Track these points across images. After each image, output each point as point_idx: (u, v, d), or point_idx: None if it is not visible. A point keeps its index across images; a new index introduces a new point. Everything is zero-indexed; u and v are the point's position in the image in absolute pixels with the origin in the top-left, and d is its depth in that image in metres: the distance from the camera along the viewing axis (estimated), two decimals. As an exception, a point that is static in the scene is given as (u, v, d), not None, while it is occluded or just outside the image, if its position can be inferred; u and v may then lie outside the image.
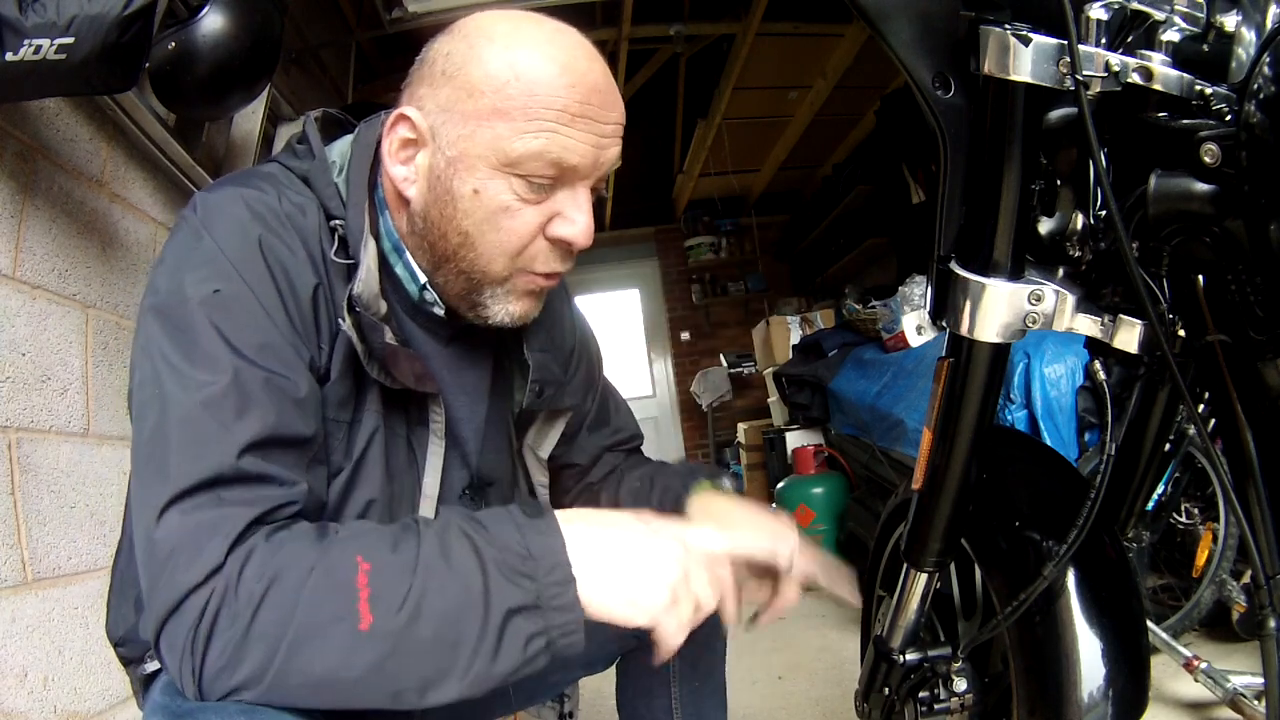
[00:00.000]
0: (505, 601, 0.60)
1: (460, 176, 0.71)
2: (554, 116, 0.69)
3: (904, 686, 0.90)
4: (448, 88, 0.72)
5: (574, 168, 0.71)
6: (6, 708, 1.13)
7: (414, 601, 0.59)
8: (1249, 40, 0.55)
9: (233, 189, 0.73)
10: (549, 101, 0.69)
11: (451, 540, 0.63)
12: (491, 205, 0.71)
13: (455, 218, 0.72)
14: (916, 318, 2.79)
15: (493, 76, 0.70)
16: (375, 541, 0.62)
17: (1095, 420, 1.88)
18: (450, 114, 0.71)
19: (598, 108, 0.71)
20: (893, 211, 4.18)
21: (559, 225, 0.73)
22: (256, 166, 0.81)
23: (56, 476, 1.31)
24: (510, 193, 0.71)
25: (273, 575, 0.59)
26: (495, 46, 0.71)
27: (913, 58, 0.61)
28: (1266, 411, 0.60)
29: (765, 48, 3.81)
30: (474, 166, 0.71)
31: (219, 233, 0.69)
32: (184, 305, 0.66)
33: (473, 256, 0.74)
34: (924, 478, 0.77)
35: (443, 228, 0.74)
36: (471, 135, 0.70)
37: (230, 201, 0.71)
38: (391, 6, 2.54)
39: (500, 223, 0.72)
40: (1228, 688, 1.37)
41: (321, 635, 0.58)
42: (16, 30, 1.00)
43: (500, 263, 0.74)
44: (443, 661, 0.60)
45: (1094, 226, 0.64)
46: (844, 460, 3.29)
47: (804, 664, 2.29)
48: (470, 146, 0.70)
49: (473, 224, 0.72)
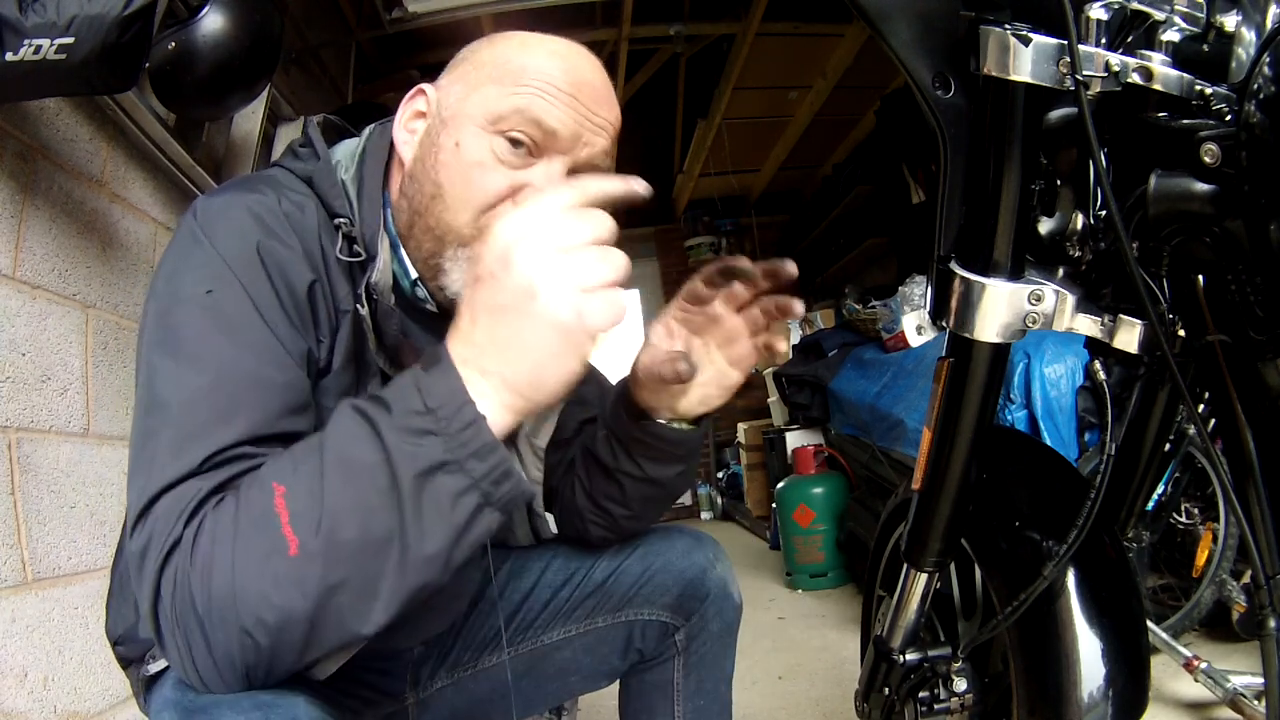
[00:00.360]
0: (410, 468, 0.55)
1: (448, 131, 0.76)
2: (541, 85, 0.74)
3: (904, 686, 0.90)
4: (462, 67, 0.79)
5: (552, 132, 0.73)
6: (6, 708, 1.13)
7: (329, 507, 0.55)
8: (1249, 40, 0.55)
9: (233, 194, 0.74)
10: (540, 75, 0.74)
11: (349, 424, 0.58)
12: (468, 159, 0.74)
13: (434, 168, 0.76)
14: (916, 318, 2.79)
15: (498, 55, 0.77)
16: (286, 460, 0.59)
17: (1095, 420, 1.88)
18: (456, 84, 0.78)
19: (588, 96, 0.75)
20: (893, 211, 4.18)
21: (527, 195, 0.73)
22: (260, 171, 0.82)
23: (56, 476, 1.31)
24: (488, 151, 0.74)
25: (212, 533, 0.57)
26: (514, 40, 0.78)
27: (913, 58, 0.61)
28: (1266, 411, 0.60)
29: (765, 48, 3.81)
30: (462, 124, 0.75)
31: (217, 237, 0.70)
32: (178, 307, 0.67)
33: (440, 209, 0.75)
34: (924, 478, 0.77)
35: (421, 181, 0.77)
36: (466, 97, 0.76)
37: (230, 206, 0.72)
38: (391, 6, 2.54)
39: (472, 176, 0.74)
40: (1228, 688, 1.37)
41: (260, 576, 0.55)
42: (16, 30, 1.00)
43: (464, 216, 0.74)
44: (378, 560, 0.55)
45: (1094, 226, 0.64)
46: (844, 460, 3.29)
47: (804, 664, 2.29)
48: (463, 107, 0.76)
49: (446, 175, 0.75)
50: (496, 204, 0.74)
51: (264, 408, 0.65)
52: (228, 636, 0.56)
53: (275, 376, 0.67)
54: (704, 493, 5.97)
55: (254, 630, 0.56)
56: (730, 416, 5.79)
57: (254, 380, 0.65)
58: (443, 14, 2.61)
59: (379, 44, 3.39)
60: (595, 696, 1.10)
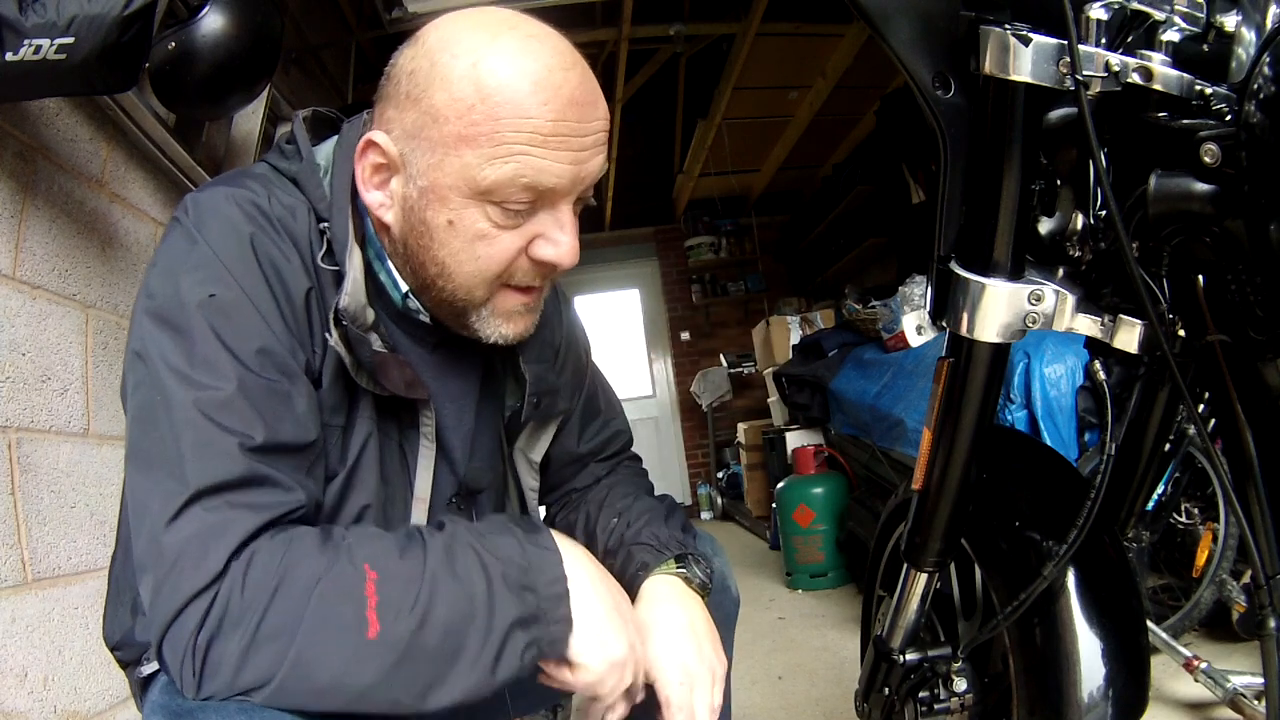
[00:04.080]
0: (509, 613, 0.63)
1: (433, 208, 0.68)
2: (525, 139, 0.65)
3: (904, 686, 0.90)
4: (413, 111, 0.68)
5: (551, 189, 0.68)
6: (6, 708, 1.13)
7: (421, 610, 0.60)
8: (1249, 40, 0.55)
9: (223, 189, 0.72)
10: (518, 124, 0.65)
11: (457, 550, 0.65)
12: (467, 235, 0.69)
13: (431, 248, 0.70)
14: (916, 318, 2.79)
15: (457, 100, 0.65)
16: (382, 549, 0.63)
17: (1095, 420, 1.88)
18: (418, 140, 0.68)
19: (574, 121, 0.67)
20: (893, 211, 4.18)
21: (541, 247, 0.70)
22: (246, 167, 0.79)
23: (56, 476, 1.31)
24: (486, 220, 0.68)
25: (278, 580, 0.59)
26: (459, 63, 0.66)
27: (913, 58, 0.61)
28: (1266, 411, 0.60)
29: (765, 48, 3.82)
30: (446, 197, 0.68)
31: (212, 235, 0.68)
32: (182, 309, 0.66)
33: (452, 286, 0.72)
34: (924, 478, 0.77)
35: (420, 257, 0.72)
36: (440, 164, 0.67)
37: (222, 202, 0.70)
38: (391, 6, 2.54)
39: (478, 251, 0.69)
40: (1228, 688, 1.37)
41: (329, 642, 0.59)
42: (16, 30, 1.00)
43: (481, 290, 0.72)
44: (446, 668, 0.61)
45: (1094, 226, 0.64)
46: (844, 460, 3.29)
47: (804, 664, 2.29)
48: (440, 176, 0.67)
49: (449, 254, 0.70)
50: (511, 264, 0.71)
51: (282, 416, 0.66)
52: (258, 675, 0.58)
53: (287, 386, 0.67)
54: (704, 493, 5.97)
55: (295, 679, 0.58)
56: (730, 416, 5.80)
57: (269, 389, 0.66)
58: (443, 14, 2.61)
59: (379, 44, 3.38)
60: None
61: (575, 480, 1.00)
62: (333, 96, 2.97)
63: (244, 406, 0.64)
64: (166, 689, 0.69)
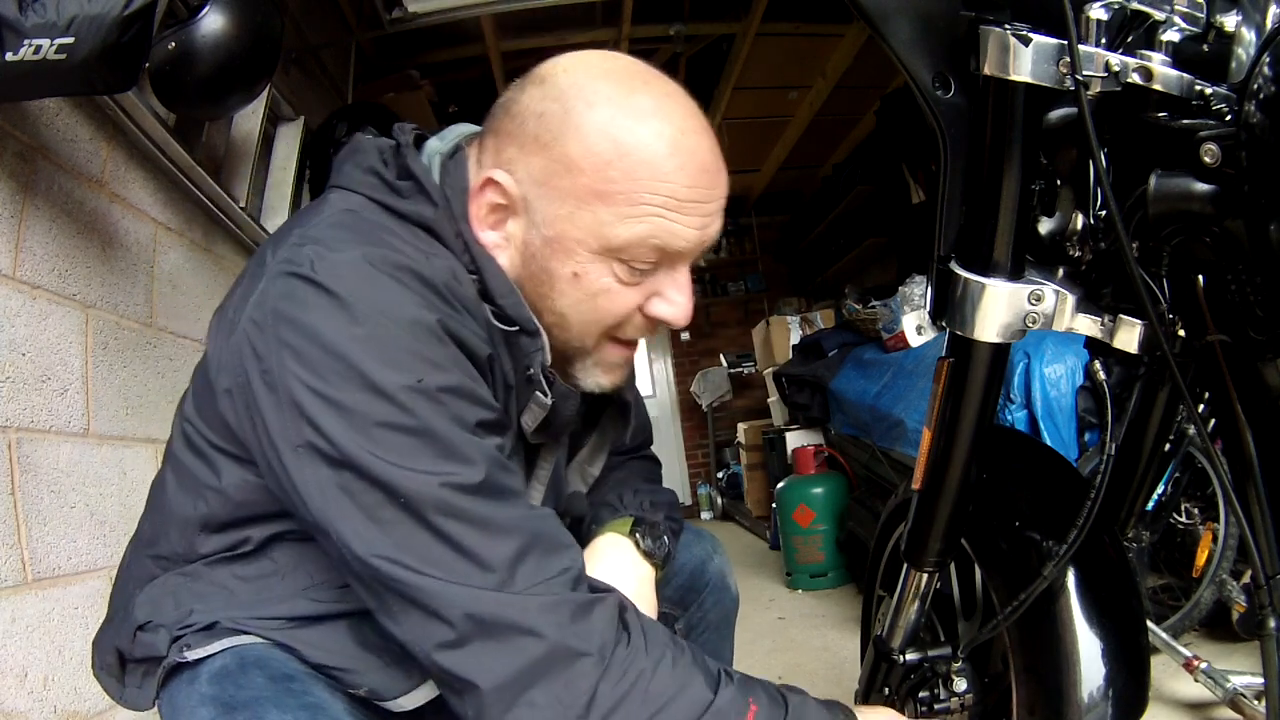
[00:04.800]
0: None
1: (559, 258, 0.68)
2: (661, 202, 0.65)
3: (904, 686, 0.90)
4: (541, 157, 0.67)
5: (679, 252, 0.69)
6: (6, 708, 1.13)
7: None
8: (1249, 40, 0.55)
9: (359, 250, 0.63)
10: (655, 186, 0.65)
11: None
12: (591, 289, 0.69)
13: (551, 297, 0.70)
14: (916, 318, 2.79)
15: (594, 154, 0.65)
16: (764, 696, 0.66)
17: (1095, 420, 1.88)
18: (545, 188, 0.67)
19: (705, 189, 0.67)
20: (893, 211, 4.18)
21: (658, 305, 0.71)
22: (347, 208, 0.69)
23: (56, 476, 1.31)
24: (611, 276, 0.68)
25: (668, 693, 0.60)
26: (595, 114, 0.65)
27: (913, 58, 0.61)
28: (1266, 411, 0.60)
29: (765, 48, 3.82)
30: (572, 250, 0.67)
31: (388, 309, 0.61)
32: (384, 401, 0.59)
33: (566, 336, 0.73)
34: (924, 478, 0.77)
35: (538, 304, 0.71)
36: (570, 217, 0.66)
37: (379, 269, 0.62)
38: (391, 6, 2.55)
39: (599, 304, 0.70)
40: (1228, 688, 1.37)
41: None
42: (16, 30, 1.00)
43: (593, 340, 0.73)
44: None
45: (1094, 226, 0.64)
46: (844, 460, 3.29)
47: (804, 664, 2.28)
48: (569, 229, 0.67)
49: (569, 304, 0.70)
50: (625, 321, 0.72)
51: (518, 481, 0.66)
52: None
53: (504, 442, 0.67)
54: (704, 493, 5.97)
55: None
56: (730, 416, 5.80)
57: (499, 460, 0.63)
58: (443, 14, 2.61)
59: (379, 44, 3.39)
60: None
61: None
62: (333, 96, 2.97)
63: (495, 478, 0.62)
64: (215, 678, 0.65)
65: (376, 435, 0.59)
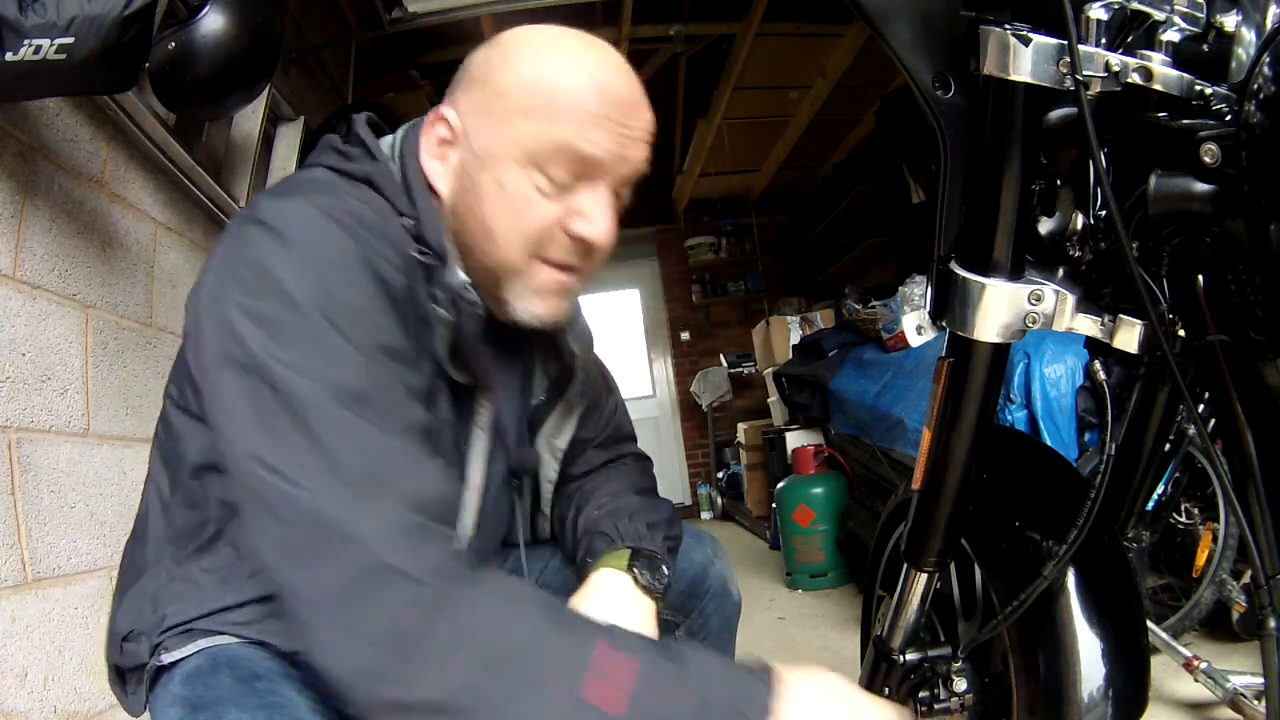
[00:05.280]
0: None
1: (487, 171, 0.74)
2: (576, 114, 0.72)
3: (904, 686, 0.90)
4: (479, 91, 0.76)
5: (596, 161, 0.73)
6: (6, 708, 1.13)
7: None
8: (1249, 40, 0.55)
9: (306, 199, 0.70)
10: (571, 100, 0.72)
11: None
12: (513, 196, 0.74)
13: (478, 208, 0.75)
14: (916, 318, 2.79)
15: (521, 80, 0.73)
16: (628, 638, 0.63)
17: (1095, 420, 1.88)
18: (480, 115, 0.75)
19: (620, 112, 0.73)
20: (893, 211, 4.18)
21: (578, 222, 0.74)
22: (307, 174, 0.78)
23: (56, 476, 1.31)
24: (531, 185, 0.73)
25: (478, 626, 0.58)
26: (527, 54, 0.75)
27: (913, 58, 0.61)
28: (1266, 411, 0.60)
29: (765, 48, 3.82)
30: (498, 162, 0.73)
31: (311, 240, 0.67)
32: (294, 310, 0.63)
33: (492, 248, 0.75)
34: (924, 478, 0.77)
35: (467, 220, 0.76)
36: (497, 134, 0.74)
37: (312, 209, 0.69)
38: (391, 6, 2.55)
39: (520, 211, 0.74)
40: (1228, 688, 1.37)
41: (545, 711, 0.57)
42: (16, 30, 1.00)
43: (517, 250, 0.75)
44: None
45: (1094, 226, 0.64)
46: (844, 460, 3.29)
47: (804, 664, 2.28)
48: (496, 145, 0.74)
49: (492, 213, 0.74)
50: (548, 232, 0.75)
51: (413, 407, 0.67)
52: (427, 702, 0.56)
53: (411, 380, 0.68)
54: (704, 493, 5.97)
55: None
56: (730, 416, 5.80)
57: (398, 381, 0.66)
58: (443, 14, 2.62)
59: (379, 44, 3.39)
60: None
61: (571, 467, 1.00)
62: (333, 96, 2.97)
63: (382, 398, 0.64)
64: (188, 680, 0.68)
65: (281, 341, 0.63)
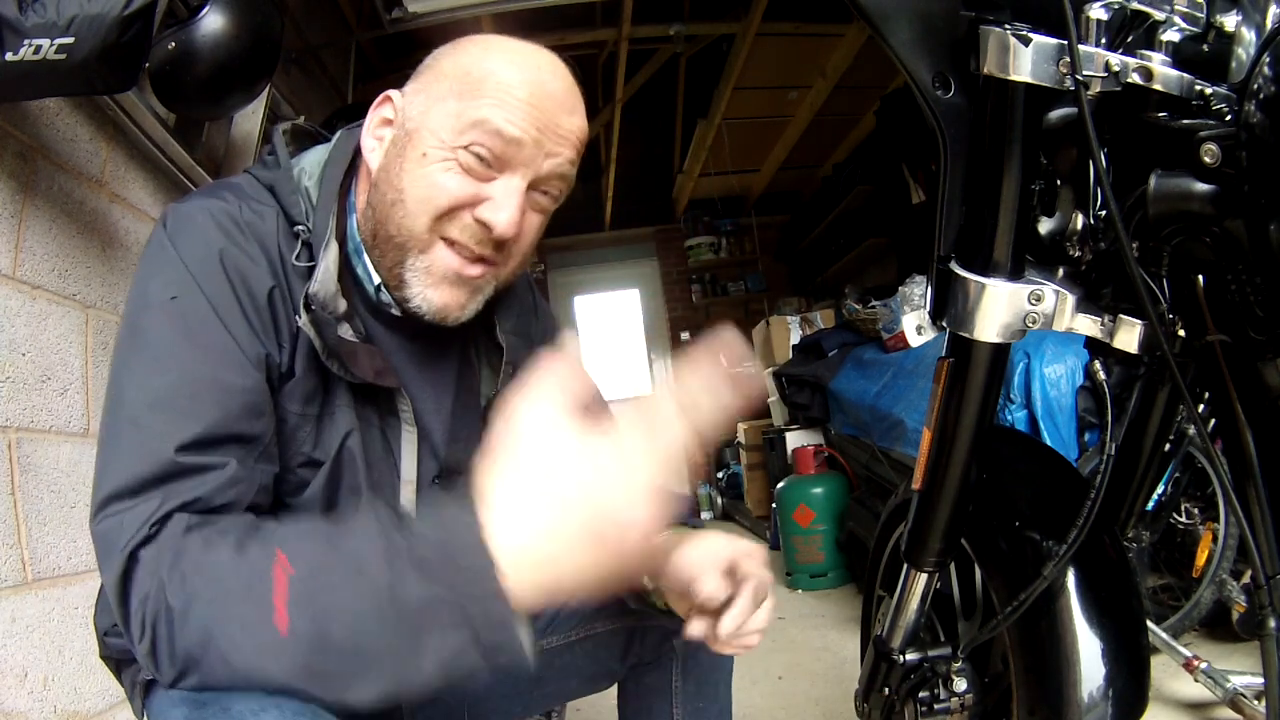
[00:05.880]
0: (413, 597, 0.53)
1: (414, 142, 0.77)
2: (500, 97, 0.75)
3: (904, 686, 0.90)
4: (425, 76, 0.80)
5: (515, 141, 0.75)
6: (6, 708, 1.13)
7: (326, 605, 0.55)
8: (1249, 40, 0.56)
9: (200, 201, 0.77)
10: (498, 85, 0.75)
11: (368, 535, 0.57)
12: (430, 168, 0.76)
13: (399, 175, 0.77)
14: (916, 318, 2.79)
15: (459, 66, 0.78)
16: (293, 534, 0.61)
17: (1095, 420, 1.88)
18: (419, 96, 0.79)
19: (550, 106, 0.76)
20: (893, 211, 4.18)
21: (485, 207, 0.76)
22: (228, 178, 0.86)
23: (56, 476, 1.31)
24: (452, 161, 0.76)
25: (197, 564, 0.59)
26: (475, 47, 0.79)
27: (913, 58, 0.61)
28: (1266, 411, 0.60)
29: (765, 48, 3.82)
30: (425, 136, 0.76)
31: (183, 244, 0.73)
32: (145, 312, 0.71)
33: (400, 215, 0.77)
34: (924, 478, 0.77)
35: (384, 189, 0.78)
36: (429, 110, 0.77)
37: (195, 214, 0.75)
38: (391, 6, 2.55)
39: (434, 180, 0.76)
40: (1228, 688, 1.37)
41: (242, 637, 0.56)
42: (16, 30, 1.00)
43: (423, 221, 0.76)
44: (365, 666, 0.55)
45: (1094, 226, 0.64)
46: (844, 460, 3.29)
47: (804, 664, 2.28)
48: (426, 120, 0.77)
49: (410, 180, 0.76)
50: (455, 209, 0.76)
51: (223, 409, 0.68)
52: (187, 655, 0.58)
53: (234, 380, 0.70)
54: (704, 493, 5.97)
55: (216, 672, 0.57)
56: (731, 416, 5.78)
57: (212, 383, 0.69)
58: (443, 14, 2.61)
59: (379, 44, 3.39)
60: (594, 697, 1.10)
61: None
62: (333, 96, 2.97)
63: (187, 401, 0.67)
64: None
65: (129, 341, 0.70)
